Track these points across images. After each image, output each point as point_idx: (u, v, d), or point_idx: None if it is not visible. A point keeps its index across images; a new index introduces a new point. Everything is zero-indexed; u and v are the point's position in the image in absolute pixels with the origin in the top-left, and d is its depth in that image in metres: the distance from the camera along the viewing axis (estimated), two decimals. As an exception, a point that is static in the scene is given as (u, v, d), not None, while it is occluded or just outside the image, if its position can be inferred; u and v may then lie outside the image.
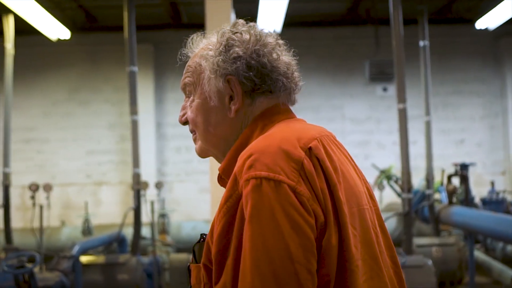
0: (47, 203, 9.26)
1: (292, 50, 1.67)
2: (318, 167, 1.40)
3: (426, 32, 8.87)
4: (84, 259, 7.05)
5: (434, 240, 8.37)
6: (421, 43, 8.89)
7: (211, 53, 1.59)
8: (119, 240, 7.87)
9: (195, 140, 1.68)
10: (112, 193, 11.94)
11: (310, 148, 1.42)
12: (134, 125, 7.84)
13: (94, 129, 11.96)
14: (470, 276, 7.84)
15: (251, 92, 1.58)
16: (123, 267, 7.19)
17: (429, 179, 8.71)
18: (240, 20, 1.66)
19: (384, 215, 9.54)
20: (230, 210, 1.37)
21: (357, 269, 1.38)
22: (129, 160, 11.90)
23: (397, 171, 10.09)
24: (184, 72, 1.68)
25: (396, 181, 9.76)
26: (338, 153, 1.51)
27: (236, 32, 1.60)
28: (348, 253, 1.37)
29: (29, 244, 8.91)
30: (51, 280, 5.92)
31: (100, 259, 7.29)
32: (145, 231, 8.96)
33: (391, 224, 9.32)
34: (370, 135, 12.11)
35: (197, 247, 1.52)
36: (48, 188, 8.98)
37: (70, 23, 10.77)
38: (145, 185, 8.31)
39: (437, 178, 9.62)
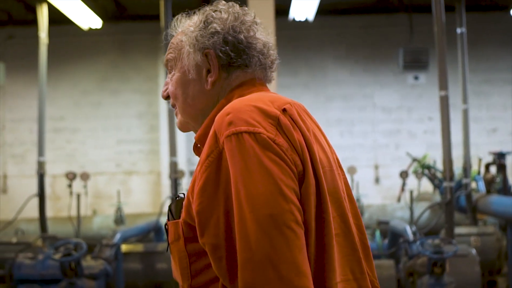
0: (84, 192, 9.26)
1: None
2: (293, 124, 1.47)
3: (464, 19, 8.75)
4: (123, 247, 7.05)
5: (472, 229, 8.28)
6: (459, 30, 8.78)
7: (191, 29, 1.67)
8: (157, 228, 7.86)
9: (176, 114, 1.75)
10: (142, 182, 11.95)
11: (284, 109, 1.49)
12: (171, 114, 7.79)
13: (124, 118, 11.96)
14: (509, 266, 7.76)
15: (228, 66, 1.65)
16: (162, 255, 7.17)
17: (466, 168, 8.61)
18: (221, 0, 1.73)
19: (420, 205, 9.46)
20: (212, 165, 1.43)
21: (331, 219, 1.43)
22: (159, 149, 11.91)
23: (429, 160, 10.00)
24: (167, 49, 1.75)
25: (429, 170, 9.67)
26: (309, 120, 1.57)
27: (216, 10, 1.67)
28: (325, 204, 1.43)
29: (61, 232, 8.91)
30: (96, 268, 5.91)
31: (138, 247, 7.28)
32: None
33: (424, 214, 9.20)
34: (401, 124, 12.01)
35: (173, 205, 1.56)
36: (85, 177, 8.98)
37: (101, 12, 10.75)
38: (182, 173, 8.29)
39: (470, 167, 9.51)
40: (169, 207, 1.58)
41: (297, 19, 9.43)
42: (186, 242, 1.50)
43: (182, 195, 1.57)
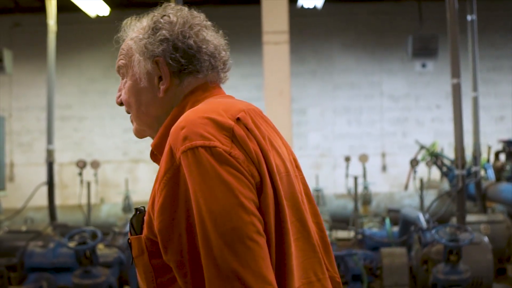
0: (94, 180, 9.26)
1: (227, 30, 1.73)
2: (248, 134, 1.47)
3: (474, 6, 8.69)
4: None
5: (482, 217, 8.26)
6: (469, 18, 8.72)
7: (140, 36, 1.65)
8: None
9: (131, 122, 1.73)
10: (149, 170, 11.93)
11: (238, 118, 1.48)
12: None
13: (131, 106, 11.90)
14: (519, 254, 7.75)
15: (179, 72, 1.63)
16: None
17: (476, 156, 8.58)
18: (171, 3, 1.71)
19: (428, 193, 9.44)
20: (170, 182, 1.43)
21: (289, 229, 1.45)
22: (166, 137, 11.87)
23: (437, 147, 9.98)
24: (118, 54, 1.73)
25: (437, 158, 9.65)
26: (265, 125, 1.56)
27: (164, 15, 1.65)
28: (283, 213, 1.43)
29: (70, 220, 8.91)
30: (110, 256, 5.90)
31: (149, 235, 7.27)
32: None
33: (430, 202, 9.18)
34: (408, 112, 11.97)
35: (134, 219, 1.55)
36: (95, 165, 8.97)
37: (108, -1, 10.70)
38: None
39: (479, 155, 9.49)
40: (131, 221, 1.57)
41: (305, 6, 9.39)
42: (151, 257, 1.51)
43: (142, 209, 1.56)
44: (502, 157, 9.04)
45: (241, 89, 12.29)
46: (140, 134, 1.74)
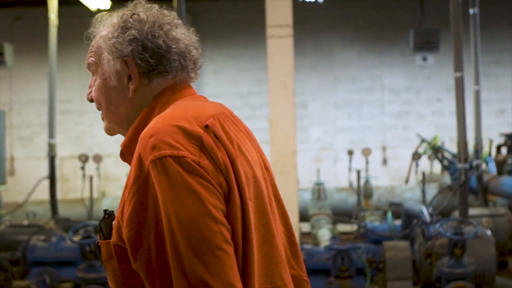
0: (96, 174, 9.25)
1: (188, 28, 1.66)
2: (217, 142, 1.47)
3: (477, -1, 8.70)
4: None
5: (484, 210, 8.28)
6: (471, 11, 8.72)
7: (109, 35, 1.64)
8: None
9: (102, 119, 1.73)
10: (149, 164, 11.90)
11: (206, 126, 1.48)
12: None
13: (131, 100, 11.89)
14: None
15: (148, 72, 1.62)
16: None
17: (478, 149, 8.59)
18: (141, 0, 1.69)
19: (428, 187, 9.45)
20: (139, 191, 1.43)
21: (253, 236, 1.46)
22: (167, 131, 11.88)
23: (438, 141, 9.98)
24: (88, 51, 1.72)
25: (437, 151, 9.65)
26: (234, 129, 1.57)
27: (134, 14, 1.64)
28: (248, 222, 1.45)
29: (71, 214, 8.91)
30: (114, 250, 5.89)
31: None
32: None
33: (431, 195, 9.18)
34: (409, 105, 11.98)
35: (103, 224, 1.56)
36: (98, 159, 8.96)
37: (108, -7, 10.67)
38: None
39: (481, 148, 9.50)
40: (99, 224, 1.57)
41: (307, 0, 9.38)
42: (120, 262, 1.51)
43: (111, 212, 1.57)
44: (504, 150, 9.05)
45: (241, 84, 12.28)
46: (110, 131, 1.74)
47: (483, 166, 9.34)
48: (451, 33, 6.72)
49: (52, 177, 8.46)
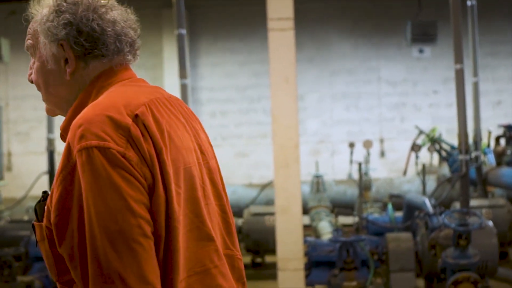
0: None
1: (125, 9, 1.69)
2: (145, 133, 1.50)
3: (474, -9, 8.71)
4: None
5: (484, 202, 8.32)
6: (469, 3, 8.74)
7: (44, 18, 1.65)
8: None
9: (44, 101, 1.77)
10: (148, 158, 11.90)
11: (136, 115, 1.50)
12: (184, 89, 7.73)
13: (128, 94, 11.87)
14: (521, 237, 7.82)
15: (84, 56, 1.64)
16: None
17: (477, 140, 8.62)
18: None
19: (429, 178, 9.47)
20: (66, 179, 1.48)
21: (179, 224, 1.50)
22: (164, 125, 11.88)
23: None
24: (27, 33, 1.74)
25: (433, 143, 9.67)
26: (167, 116, 1.59)
27: None
28: (171, 211, 1.49)
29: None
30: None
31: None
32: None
33: (431, 187, 9.19)
34: (406, 97, 12.01)
35: (38, 206, 1.61)
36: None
37: (105, -13, 10.65)
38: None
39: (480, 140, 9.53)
40: (35, 206, 1.62)
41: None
42: (50, 245, 1.56)
43: (47, 195, 1.61)
44: (503, 141, 9.09)
45: (239, 77, 12.26)
46: (51, 113, 1.78)
47: (482, 157, 9.38)
48: (449, 25, 6.74)
49: (51, 172, 8.43)
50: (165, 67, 11.79)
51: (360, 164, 8.00)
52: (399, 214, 8.16)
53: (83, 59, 1.64)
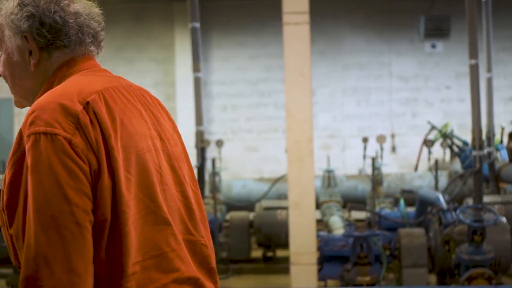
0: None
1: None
2: (94, 120, 1.55)
3: (489, -14, 8.65)
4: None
5: (496, 198, 8.29)
6: (483, -2, 8.68)
7: (8, 11, 1.70)
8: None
9: (12, 93, 1.82)
10: (158, 152, 11.91)
11: (88, 103, 1.56)
12: (197, 83, 7.73)
13: (139, 87, 11.89)
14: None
15: (47, 47, 1.69)
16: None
17: (489, 136, 8.58)
18: None
19: (441, 174, 9.44)
20: (17, 163, 1.54)
21: (129, 209, 1.54)
22: (175, 118, 11.88)
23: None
24: None
25: (445, 138, 9.63)
26: (122, 103, 1.64)
27: None
28: (119, 196, 1.54)
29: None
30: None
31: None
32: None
33: (442, 183, 9.15)
34: (417, 92, 11.97)
35: None
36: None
37: (117, -21, 10.66)
38: (207, 142, 8.26)
39: (493, 136, 9.49)
40: None
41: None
42: (7, 228, 1.61)
43: None
44: (514, 138, 9.05)
45: (250, 71, 12.24)
46: (19, 104, 1.81)
47: (495, 153, 9.34)
48: (462, 20, 6.72)
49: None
50: (177, 60, 11.79)
51: (373, 159, 7.99)
52: (410, 209, 8.15)
53: (46, 50, 1.69)
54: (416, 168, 10.63)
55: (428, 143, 9.11)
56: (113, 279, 1.54)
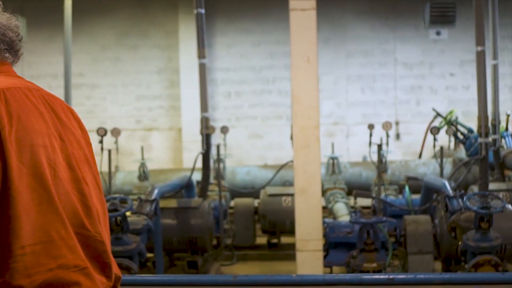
0: (115, 148, 9.24)
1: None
2: None
3: (495, -28, 8.62)
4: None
5: (501, 185, 8.30)
6: (490, -16, 8.64)
7: None
8: (188, 185, 7.87)
9: None
10: (162, 138, 11.91)
11: None
12: (202, 69, 7.73)
13: (143, 74, 11.86)
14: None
15: None
16: (196, 211, 7.18)
17: (495, 124, 8.57)
18: None
19: (447, 161, 9.43)
20: None
21: (18, 195, 1.67)
22: (179, 105, 11.88)
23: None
24: None
25: (449, 125, 9.60)
26: (22, 102, 1.76)
27: None
28: (9, 182, 1.67)
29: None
30: (139, 224, 5.91)
31: (172, 203, 7.28)
32: (197, 176, 8.73)
33: (446, 170, 9.13)
34: (422, 80, 11.94)
35: None
36: (116, 133, 8.96)
37: (121, -35, 10.62)
38: (213, 129, 8.25)
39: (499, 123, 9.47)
40: None
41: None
42: None
43: None
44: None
45: (253, 57, 12.20)
46: None
47: (500, 140, 9.32)
48: (467, 7, 6.70)
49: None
50: (181, 47, 11.76)
51: (379, 146, 7.98)
52: (415, 196, 8.15)
53: None
54: (420, 156, 10.63)
55: (433, 130, 9.08)
56: (0, 259, 1.66)
